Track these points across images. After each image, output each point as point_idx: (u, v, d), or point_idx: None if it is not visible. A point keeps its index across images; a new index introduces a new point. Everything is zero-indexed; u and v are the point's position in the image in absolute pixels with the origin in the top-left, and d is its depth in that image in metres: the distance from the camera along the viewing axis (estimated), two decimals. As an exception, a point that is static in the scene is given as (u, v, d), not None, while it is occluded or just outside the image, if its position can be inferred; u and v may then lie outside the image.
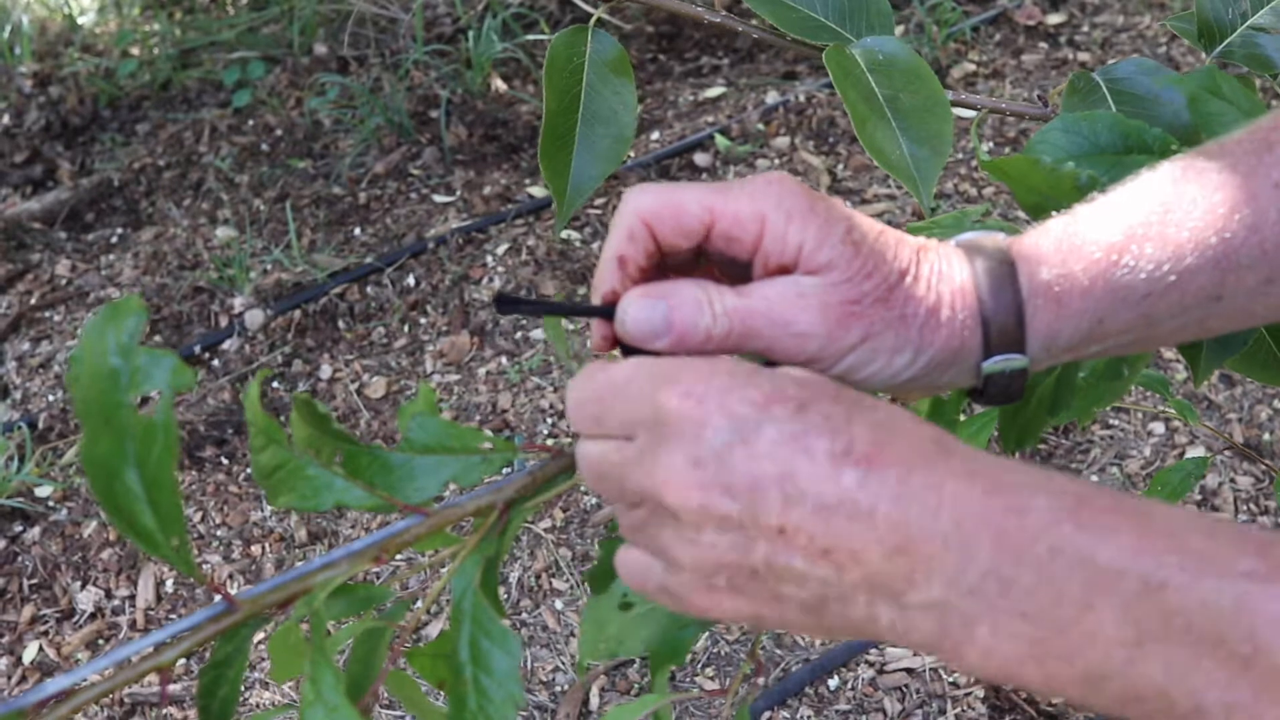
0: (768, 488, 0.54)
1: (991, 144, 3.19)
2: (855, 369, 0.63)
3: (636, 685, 2.26)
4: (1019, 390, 0.66)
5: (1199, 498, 2.43)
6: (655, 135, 3.39)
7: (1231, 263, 0.64)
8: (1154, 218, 0.65)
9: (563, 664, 2.30)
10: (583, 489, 1.83)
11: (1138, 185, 0.67)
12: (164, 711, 2.30)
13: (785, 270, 0.63)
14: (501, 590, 2.38)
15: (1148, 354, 0.83)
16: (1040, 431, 0.82)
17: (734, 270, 0.66)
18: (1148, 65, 0.96)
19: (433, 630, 2.29)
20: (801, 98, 3.43)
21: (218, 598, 0.67)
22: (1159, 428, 2.56)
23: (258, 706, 2.31)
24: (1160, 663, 0.49)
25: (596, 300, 0.65)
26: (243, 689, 2.20)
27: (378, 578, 2.29)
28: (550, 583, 2.43)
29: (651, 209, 0.63)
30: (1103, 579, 0.50)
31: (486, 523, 0.70)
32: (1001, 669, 0.53)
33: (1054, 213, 0.74)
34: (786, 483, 0.54)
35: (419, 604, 0.74)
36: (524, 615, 2.38)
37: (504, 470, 0.72)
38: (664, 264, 0.66)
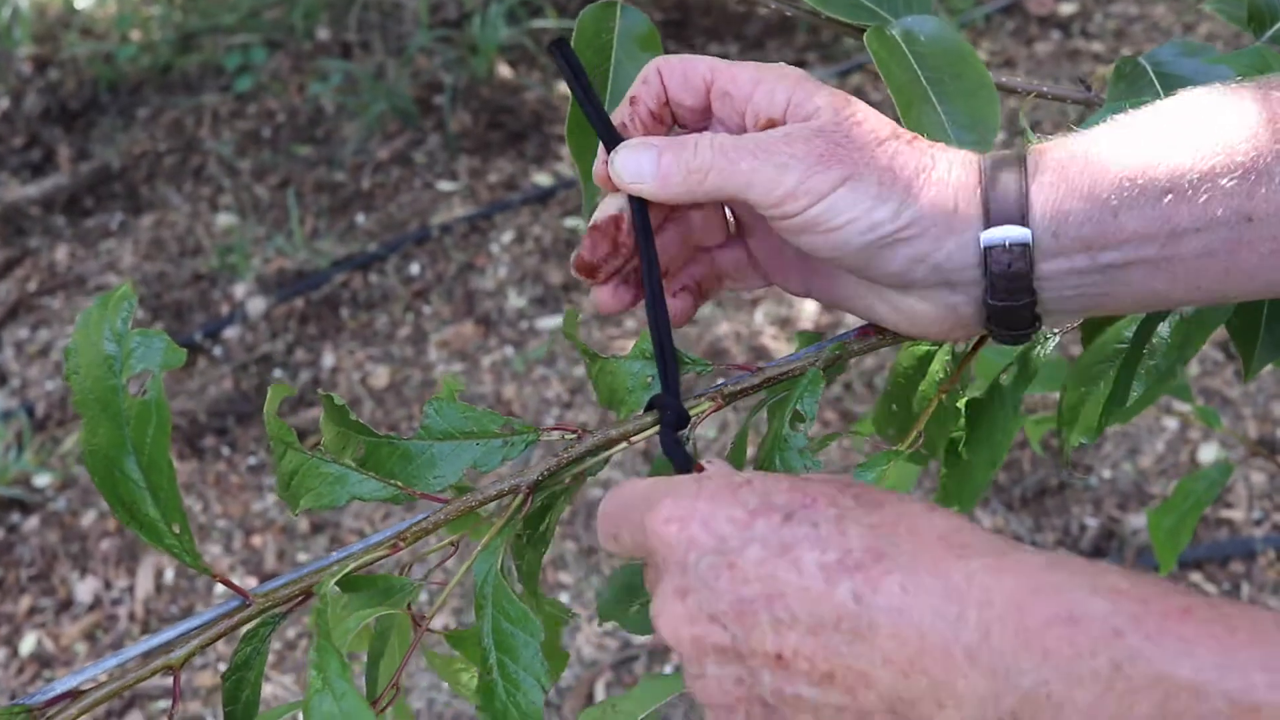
0: (757, 612, 0.49)
1: (1009, 129, 3.16)
2: (832, 214, 0.60)
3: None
4: (1025, 285, 0.61)
5: (1214, 494, 2.41)
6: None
7: (1261, 174, 0.58)
8: (1180, 123, 0.61)
9: (568, 659, 2.27)
10: (590, 485, 1.80)
11: (1168, 100, 0.63)
12: (169, 708, 2.27)
13: (773, 122, 0.63)
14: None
15: (1200, 341, 0.79)
16: (1102, 426, 0.79)
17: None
18: (1191, 46, 0.93)
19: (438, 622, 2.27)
20: (810, 87, 3.40)
21: (223, 589, 0.64)
22: (1172, 423, 2.53)
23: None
24: None
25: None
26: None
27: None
28: (556, 576, 2.40)
29: (666, 61, 0.67)
30: (1179, 700, 0.43)
31: (510, 507, 0.68)
32: None
33: None
34: (776, 604, 0.49)
35: (425, 584, 0.72)
36: (529, 609, 2.35)
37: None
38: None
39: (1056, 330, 0.76)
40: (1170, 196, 0.59)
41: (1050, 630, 0.45)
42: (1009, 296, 0.62)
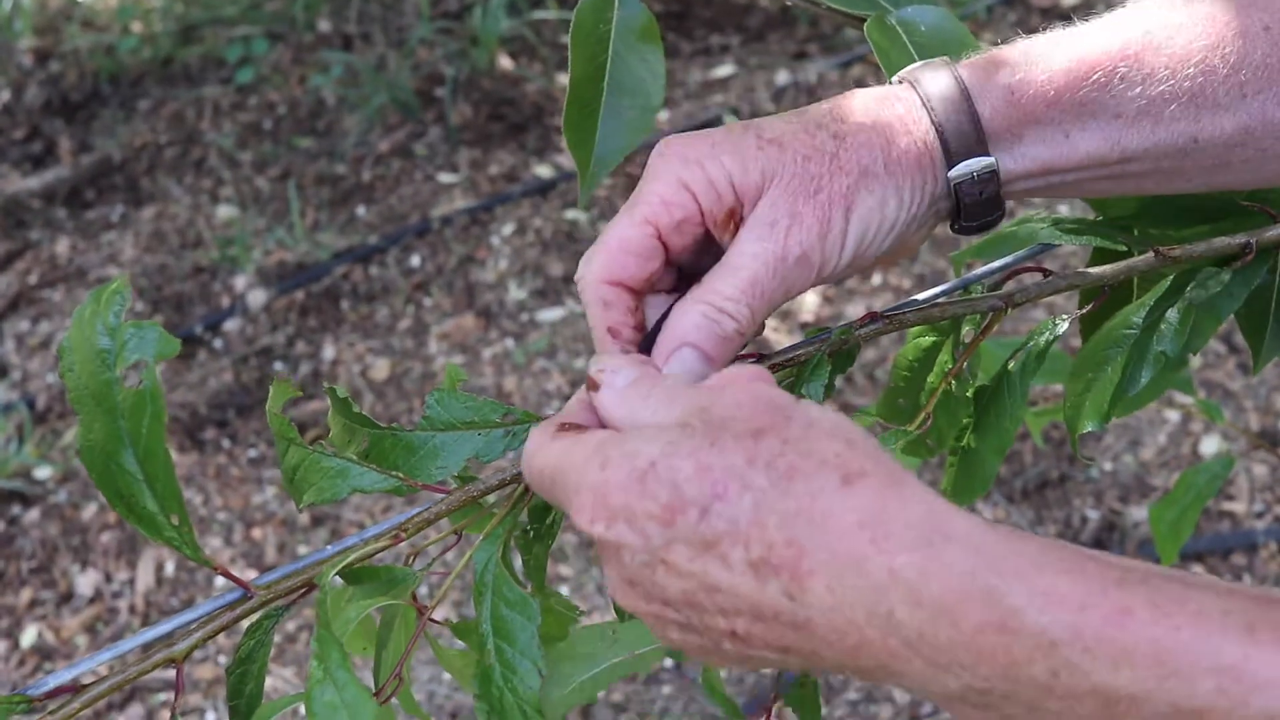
0: (701, 602, 0.52)
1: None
2: (862, 245, 0.62)
3: (641, 674, 2.23)
4: (995, 203, 0.64)
5: (1216, 487, 2.40)
6: (664, 115, 3.35)
7: (1208, 100, 0.62)
8: (1132, 43, 0.63)
9: (569, 651, 2.27)
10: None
11: (1124, 11, 0.65)
12: (171, 700, 2.27)
13: (734, 214, 0.62)
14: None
15: (1210, 331, 0.79)
16: (1111, 413, 0.78)
17: (702, 262, 0.65)
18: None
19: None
20: (813, 78, 3.39)
21: (224, 582, 0.64)
22: (1173, 416, 2.53)
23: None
24: None
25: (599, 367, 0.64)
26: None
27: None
28: (555, 569, 2.40)
29: (605, 268, 0.63)
30: (1120, 704, 0.44)
31: (513, 497, 0.69)
32: None
33: None
34: (717, 595, 0.52)
35: (431, 574, 0.71)
36: (530, 601, 2.35)
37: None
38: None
39: (1065, 316, 0.76)
40: (1119, 121, 0.62)
41: (984, 636, 0.45)
42: (982, 214, 0.65)
